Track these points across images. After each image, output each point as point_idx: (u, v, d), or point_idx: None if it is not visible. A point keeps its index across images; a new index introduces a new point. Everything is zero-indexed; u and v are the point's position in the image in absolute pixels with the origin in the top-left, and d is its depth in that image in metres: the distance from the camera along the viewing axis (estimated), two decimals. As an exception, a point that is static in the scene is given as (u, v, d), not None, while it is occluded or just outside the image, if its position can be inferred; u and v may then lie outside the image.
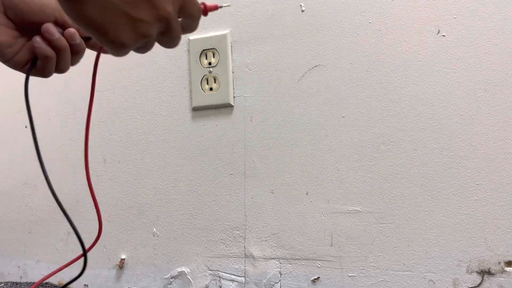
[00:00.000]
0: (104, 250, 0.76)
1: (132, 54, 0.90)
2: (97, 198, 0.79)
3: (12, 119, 0.89)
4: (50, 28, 0.40)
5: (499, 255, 0.56)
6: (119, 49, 0.35)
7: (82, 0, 0.31)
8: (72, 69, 0.90)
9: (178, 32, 0.39)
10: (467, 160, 0.58)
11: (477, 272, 0.57)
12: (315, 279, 0.64)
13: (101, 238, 0.59)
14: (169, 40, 0.39)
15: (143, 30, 0.35)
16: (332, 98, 0.65)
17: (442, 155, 0.59)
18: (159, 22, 0.36)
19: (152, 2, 0.34)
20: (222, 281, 0.68)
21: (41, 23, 0.40)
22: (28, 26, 0.40)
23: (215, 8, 0.42)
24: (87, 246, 0.49)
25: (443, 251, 0.58)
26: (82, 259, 0.50)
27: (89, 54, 0.46)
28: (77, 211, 0.80)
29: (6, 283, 0.83)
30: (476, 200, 0.57)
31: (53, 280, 0.80)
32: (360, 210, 0.62)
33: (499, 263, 0.56)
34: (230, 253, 0.68)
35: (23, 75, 0.39)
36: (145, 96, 0.77)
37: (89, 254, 0.60)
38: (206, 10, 0.41)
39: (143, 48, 0.39)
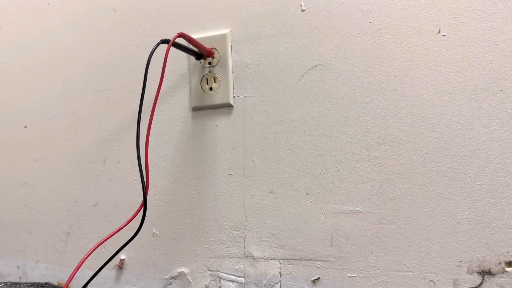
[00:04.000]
0: (104, 250, 0.76)
1: (131, 54, 0.90)
2: (96, 198, 0.79)
3: (12, 119, 0.89)
4: None
5: (499, 255, 0.56)
6: None
7: None
8: (71, 69, 0.90)
9: None
10: (467, 160, 0.58)
11: (477, 272, 0.56)
12: (315, 279, 0.63)
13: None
14: None
15: None
16: (332, 98, 0.65)
17: (443, 155, 0.59)
18: None
19: None
20: (222, 281, 0.68)
21: None
22: None
23: None
24: (90, 245, 0.49)
25: (444, 251, 0.58)
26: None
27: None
28: (76, 211, 0.80)
29: (5, 283, 0.83)
30: (476, 200, 0.57)
31: (53, 280, 0.80)
32: (360, 210, 0.62)
33: (499, 263, 0.56)
34: (230, 253, 0.68)
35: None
36: (145, 96, 0.77)
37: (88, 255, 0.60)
38: None
39: None
